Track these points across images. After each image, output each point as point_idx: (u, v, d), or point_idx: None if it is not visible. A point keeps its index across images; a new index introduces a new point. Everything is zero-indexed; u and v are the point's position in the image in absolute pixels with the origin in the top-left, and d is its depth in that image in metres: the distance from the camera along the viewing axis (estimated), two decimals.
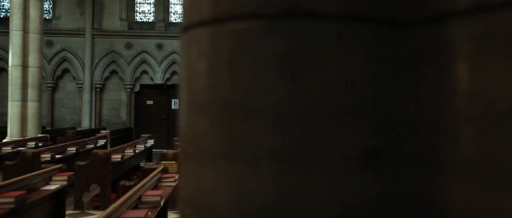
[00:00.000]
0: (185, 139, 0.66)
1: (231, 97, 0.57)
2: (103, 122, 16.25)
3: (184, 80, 0.67)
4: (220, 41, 0.59)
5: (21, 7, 10.66)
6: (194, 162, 0.62)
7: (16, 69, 10.61)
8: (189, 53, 0.66)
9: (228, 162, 0.57)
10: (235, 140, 0.57)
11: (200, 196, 0.60)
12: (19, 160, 7.07)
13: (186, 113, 0.66)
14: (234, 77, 0.57)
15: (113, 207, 3.10)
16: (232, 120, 0.57)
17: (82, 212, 7.06)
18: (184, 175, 0.65)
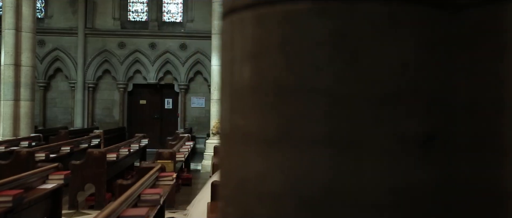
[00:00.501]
0: (228, 125, 0.65)
1: (283, 80, 0.56)
2: (96, 122, 16.16)
3: (227, 64, 0.65)
4: (270, 23, 0.58)
5: (13, 6, 10.57)
6: (241, 148, 0.60)
7: (8, 68, 10.51)
8: (232, 37, 0.64)
9: (280, 146, 0.56)
10: (287, 123, 0.56)
11: (250, 183, 0.59)
12: (13, 159, 7.01)
13: (229, 98, 0.65)
14: (286, 59, 0.56)
15: (114, 205, 3.08)
16: (284, 103, 0.56)
17: (77, 211, 7.01)
18: (230, 162, 0.63)
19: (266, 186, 0.57)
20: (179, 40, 16.38)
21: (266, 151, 0.57)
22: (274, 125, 0.57)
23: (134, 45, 16.23)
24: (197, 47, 16.32)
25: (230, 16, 0.65)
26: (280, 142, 0.56)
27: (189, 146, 9.57)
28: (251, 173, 0.59)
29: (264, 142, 0.57)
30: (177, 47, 16.35)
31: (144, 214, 3.20)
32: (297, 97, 0.55)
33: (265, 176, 0.57)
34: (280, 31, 0.57)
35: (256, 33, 0.60)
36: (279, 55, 0.57)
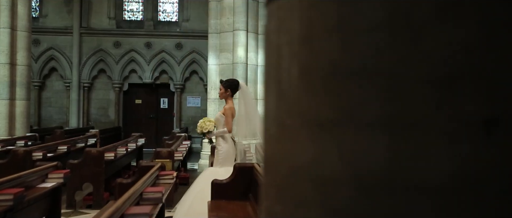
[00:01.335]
0: (276, 112, 0.63)
1: (341, 63, 0.55)
2: (91, 121, 16.10)
3: (275, 50, 0.64)
4: (324, 5, 0.57)
5: (9, 4, 10.49)
6: (294, 134, 0.59)
7: (4, 67, 10.43)
8: (281, 21, 0.63)
9: (337, 131, 0.55)
10: (346, 107, 0.54)
11: (305, 169, 0.57)
12: (11, 158, 6.96)
13: (277, 84, 0.64)
14: (343, 41, 0.55)
15: (119, 203, 3.06)
16: (342, 86, 0.55)
17: (75, 210, 6.97)
18: (279, 150, 0.62)
19: (323, 171, 0.56)
20: (175, 39, 16.35)
21: (321, 135, 0.56)
22: (330, 109, 0.55)
23: (130, 45, 16.18)
24: (193, 47, 16.30)
25: (278, 0, 0.63)
26: (337, 126, 0.55)
27: (187, 145, 9.55)
28: (306, 159, 0.57)
29: (320, 127, 0.56)
30: (172, 47, 16.32)
31: (148, 212, 3.18)
32: (355, 80, 0.54)
33: (321, 162, 0.56)
34: (335, 13, 0.56)
35: (308, 15, 0.59)
36: (335, 37, 0.55)
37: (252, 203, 4.91)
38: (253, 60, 10.29)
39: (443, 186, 0.53)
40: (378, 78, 0.54)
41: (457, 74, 0.53)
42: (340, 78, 0.55)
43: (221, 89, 6.08)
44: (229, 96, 6.05)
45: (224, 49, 10.14)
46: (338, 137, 0.55)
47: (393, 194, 0.53)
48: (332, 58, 0.56)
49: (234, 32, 10.04)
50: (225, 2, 10.06)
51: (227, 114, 5.95)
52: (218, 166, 5.94)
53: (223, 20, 10.16)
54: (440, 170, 0.53)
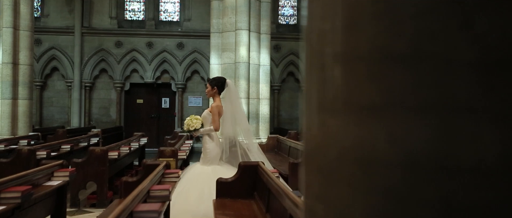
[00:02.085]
0: (322, 96, 0.64)
1: (389, 48, 0.56)
2: (92, 121, 16.10)
3: (320, 35, 0.65)
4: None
5: (11, 4, 10.51)
6: (342, 118, 0.60)
7: (6, 66, 10.45)
8: (326, 6, 0.64)
9: (388, 114, 0.56)
10: (395, 91, 0.55)
11: (355, 152, 0.58)
12: (15, 157, 6.96)
13: (321, 69, 0.64)
14: (392, 26, 0.56)
15: (128, 201, 3.06)
16: (393, 70, 0.56)
17: (79, 209, 6.97)
18: (326, 133, 0.63)
19: (371, 153, 0.57)
20: (176, 39, 16.36)
21: (369, 119, 0.57)
22: (381, 93, 0.56)
23: (131, 44, 16.19)
24: (194, 46, 16.30)
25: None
26: (388, 110, 0.56)
27: (189, 144, 9.56)
28: (354, 142, 0.58)
29: (370, 111, 0.57)
30: (174, 46, 16.32)
31: (158, 209, 3.19)
32: (407, 64, 0.55)
33: (369, 144, 0.57)
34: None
35: (355, 1, 0.59)
36: (384, 23, 0.56)
37: (257, 201, 4.92)
38: (255, 60, 10.30)
39: (493, 167, 0.54)
40: (427, 63, 0.54)
41: (508, 58, 0.54)
42: (389, 63, 0.56)
43: (208, 87, 6.10)
44: (216, 95, 6.06)
45: (226, 49, 10.15)
46: (387, 120, 0.56)
47: (445, 177, 0.54)
48: (380, 44, 0.57)
49: (236, 32, 10.05)
50: (227, 2, 10.07)
51: (214, 112, 5.96)
52: (206, 164, 5.93)
53: (225, 20, 10.16)
54: (490, 152, 0.54)
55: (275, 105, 16.35)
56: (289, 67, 16.98)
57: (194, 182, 5.59)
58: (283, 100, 17.04)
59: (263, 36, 10.62)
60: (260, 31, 10.49)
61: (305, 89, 0.70)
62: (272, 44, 11.34)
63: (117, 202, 4.95)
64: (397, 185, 0.55)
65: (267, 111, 10.63)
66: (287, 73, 17.02)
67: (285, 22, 17.45)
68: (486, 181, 0.53)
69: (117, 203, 4.85)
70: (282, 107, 17.02)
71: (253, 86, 10.25)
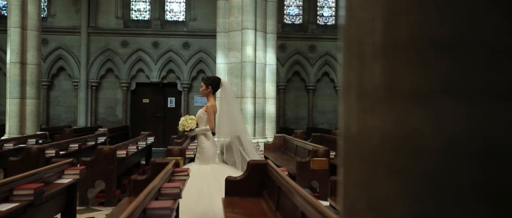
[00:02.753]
0: (362, 83, 0.66)
1: (437, 35, 0.57)
2: (99, 120, 16.15)
3: (358, 24, 0.67)
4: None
5: (19, 4, 10.57)
6: (386, 104, 0.62)
7: (14, 66, 10.51)
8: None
9: (435, 100, 0.57)
10: (443, 77, 0.57)
11: (400, 139, 0.60)
12: (24, 156, 7.01)
13: (362, 58, 0.66)
14: (439, 14, 0.57)
15: (141, 197, 3.08)
16: (439, 57, 0.57)
17: (88, 208, 7.01)
18: (366, 120, 0.64)
19: (418, 140, 0.58)
20: (182, 39, 16.39)
21: (416, 106, 0.58)
22: (425, 80, 0.58)
23: (137, 44, 16.24)
24: (200, 46, 16.34)
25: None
26: (432, 96, 0.57)
27: (196, 143, 9.57)
28: (398, 128, 0.60)
29: (414, 97, 0.58)
30: (180, 46, 16.36)
31: (170, 206, 3.21)
32: (451, 52, 0.56)
33: (418, 131, 0.58)
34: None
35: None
36: (430, 10, 0.58)
37: (266, 199, 4.93)
38: (262, 59, 10.32)
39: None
40: (472, 50, 0.56)
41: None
42: (433, 50, 0.57)
43: (202, 87, 6.12)
44: (211, 94, 6.08)
45: (233, 48, 10.16)
46: (431, 107, 0.57)
47: (486, 160, 0.55)
48: (424, 32, 0.58)
49: (242, 31, 10.07)
50: (233, 1, 10.09)
51: (209, 111, 5.98)
52: (204, 163, 5.95)
53: (232, 19, 10.18)
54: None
55: (281, 105, 16.36)
56: (295, 67, 16.99)
57: (193, 181, 5.61)
58: (289, 100, 17.05)
59: (269, 35, 10.64)
60: (266, 30, 10.51)
61: (343, 78, 0.72)
62: (277, 43, 11.34)
63: (127, 200, 4.98)
64: (440, 170, 0.56)
65: (273, 110, 10.65)
66: (293, 73, 17.03)
67: (290, 21, 17.46)
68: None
69: (127, 201, 4.87)
70: (288, 107, 17.04)
71: (259, 86, 10.27)
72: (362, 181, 0.65)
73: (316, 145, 7.93)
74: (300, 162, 7.23)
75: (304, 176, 7.05)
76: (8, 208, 3.42)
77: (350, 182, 0.67)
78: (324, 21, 17.56)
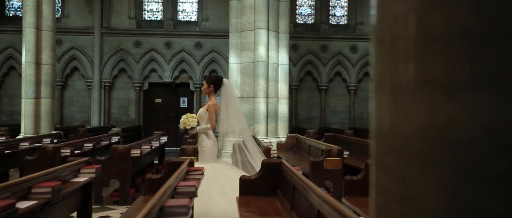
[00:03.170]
0: (398, 77, 0.66)
1: (475, 27, 0.57)
2: (112, 120, 16.28)
3: (392, 17, 0.67)
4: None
5: (34, 5, 10.69)
6: (422, 96, 0.62)
7: (29, 66, 10.63)
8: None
9: (473, 93, 0.57)
10: (481, 70, 0.57)
11: (437, 131, 0.60)
12: (40, 155, 7.08)
13: (395, 51, 0.67)
14: (477, 5, 0.57)
15: (158, 195, 3.11)
16: (477, 49, 0.57)
17: (102, 206, 7.07)
18: (400, 112, 0.65)
19: (456, 132, 0.58)
20: (194, 39, 16.46)
21: (454, 98, 0.59)
22: (464, 72, 0.58)
23: (150, 44, 16.33)
24: (212, 46, 16.39)
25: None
26: (473, 89, 0.57)
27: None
28: (435, 120, 0.60)
29: (452, 89, 0.59)
30: (192, 46, 16.43)
31: (187, 204, 3.24)
32: (491, 43, 0.57)
33: (456, 123, 0.58)
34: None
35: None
36: (468, 2, 0.58)
37: (281, 199, 4.94)
38: (274, 59, 10.32)
39: None
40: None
41: None
42: (472, 42, 0.58)
43: (204, 85, 6.16)
44: (212, 93, 6.12)
45: (245, 48, 10.18)
46: (473, 99, 0.58)
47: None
48: (463, 23, 0.59)
49: (255, 31, 10.08)
50: (246, 1, 10.11)
51: (211, 110, 6.01)
52: (204, 162, 5.97)
53: (244, 19, 10.20)
54: None
55: (293, 105, 16.35)
56: (307, 66, 16.98)
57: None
58: (301, 99, 17.04)
59: (282, 35, 10.65)
60: (279, 30, 10.52)
61: (375, 73, 0.73)
62: (289, 43, 11.33)
63: (142, 198, 5.02)
64: (475, 162, 0.57)
65: (286, 110, 10.65)
66: (305, 72, 17.02)
67: (302, 21, 17.45)
68: None
69: (142, 200, 4.91)
70: (300, 107, 17.03)
71: (272, 86, 10.27)
72: (397, 173, 0.66)
73: (329, 144, 7.92)
74: (313, 162, 7.23)
75: (318, 175, 7.04)
76: (27, 205, 3.47)
77: (385, 174, 0.68)
78: (336, 21, 17.52)
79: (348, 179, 5.40)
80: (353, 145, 9.89)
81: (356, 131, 13.60)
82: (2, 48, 15.86)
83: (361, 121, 17.05)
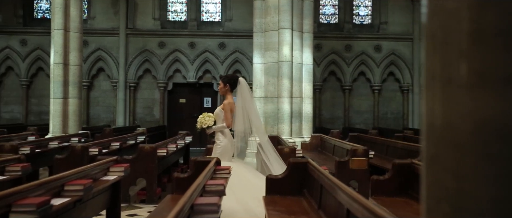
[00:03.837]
0: (450, 71, 0.68)
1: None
2: (137, 120, 16.47)
3: (446, 14, 0.69)
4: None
5: (62, 6, 10.89)
6: (478, 91, 0.63)
7: (58, 67, 10.84)
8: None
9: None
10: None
11: (494, 122, 0.61)
12: (69, 154, 7.22)
13: (450, 46, 0.68)
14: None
15: (189, 193, 3.15)
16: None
17: (129, 205, 7.17)
18: (463, 107, 0.66)
19: (511, 126, 0.60)
20: (218, 39, 16.55)
21: (509, 92, 0.60)
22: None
23: (174, 45, 16.48)
24: (236, 46, 16.46)
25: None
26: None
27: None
28: (491, 115, 0.61)
29: (507, 84, 0.60)
30: (216, 46, 16.52)
31: (217, 202, 3.27)
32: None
33: (509, 117, 0.59)
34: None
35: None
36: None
37: (307, 198, 4.94)
38: (298, 59, 10.31)
39: None
40: None
41: None
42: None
43: (220, 85, 6.22)
44: (228, 92, 6.18)
45: (269, 48, 10.19)
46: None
47: None
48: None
49: (279, 31, 10.08)
50: (270, 1, 10.12)
51: (226, 109, 6.06)
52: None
53: (268, 19, 10.21)
54: None
55: (317, 105, 16.29)
56: (331, 66, 16.91)
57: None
58: (325, 99, 16.99)
59: (306, 35, 10.63)
60: (303, 30, 10.50)
61: (426, 68, 0.74)
62: (313, 43, 11.31)
63: (170, 197, 5.07)
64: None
65: (310, 110, 10.62)
66: (329, 72, 16.96)
67: (326, 21, 17.39)
68: None
69: (170, 199, 4.97)
70: (324, 107, 16.97)
71: (296, 85, 10.27)
72: (453, 166, 0.67)
73: (354, 144, 7.89)
74: (339, 162, 7.21)
75: (343, 175, 7.01)
76: (61, 202, 3.55)
77: (440, 167, 0.69)
78: (360, 21, 17.41)
79: (375, 178, 5.38)
80: (378, 145, 9.82)
81: (381, 131, 13.50)
82: (31, 49, 16.20)
83: (385, 121, 16.92)
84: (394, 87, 17.10)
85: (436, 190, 0.71)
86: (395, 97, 17.11)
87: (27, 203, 3.07)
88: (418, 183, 5.04)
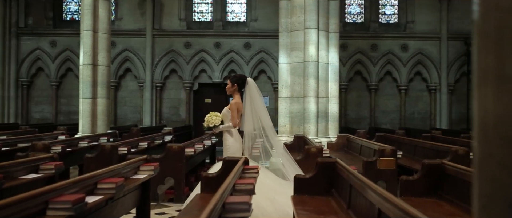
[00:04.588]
0: (505, 67, 0.68)
1: None
2: (163, 120, 16.65)
3: (505, 10, 0.69)
4: None
5: (91, 8, 11.09)
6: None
7: (87, 67, 11.04)
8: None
9: None
10: None
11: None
12: (99, 153, 7.35)
13: (505, 43, 0.68)
14: None
15: (221, 192, 3.19)
16: None
17: (158, 203, 7.26)
18: None
19: None
20: (243, 39, 16.61)
21: None
22: None
23: (200, 45, 16.60)
24: (261, 46, 16.49)
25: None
26: None
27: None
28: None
29: None
30: (241, 47, 16.58)
31: (247, 201, 3.30)
32: None
33: None
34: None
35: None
36: None
37: (336, 198, 4.93)
38: (324, 59, 10.28)
39: None
40: None
41: None
42: None
43: (228, 85, 6.22)
44: (236, 92, 6.18)
45: (295, 48, 10.18)
46: None
47: None
48: None
49: (305, 31, 10.06)
50: (296, 1, 10.11)
51: (233, 108, 6.07)
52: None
53: (294, 19, 10.20)
54: None
55: (342, 105, 16.20)
56: (356, 66, 16.80)
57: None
58: (350, 99, 16.88)
59: (332, 34, 10.58)
60: (329, 29, 10.46)
61: (478, 66, 0.74)
62: (339, 43, 11.25)
63: (199, 196, 5.12)
64: None
65: (336, 110, 10.58)
66: (354, 72, 16.85)
67: (351, 20, 17.28)
68: None
69: (199, 197, 5.02)
70: (349, 107, 16.87)
71: (322, 85, 10.23)
72: (506, 162, 0.68)
73: (382, 144, 7.83)
74: (366, 162, 7.16)
75: (371, 175, 6.95)
76: (94, 200, 3.62)
77: (494, 163, 0.70)
78: (386, 20, 17.26)
79: (404, 179, 5.33)
80: (405, 145, 9.73)
81: (407, 131, 13.35)
82: (60, 50, 16.53)
83: (412, 121, 16.73)
84: (421, 87, 16.90)
85: (490, 187, 0.71)
86: (422, 97, 16.90)
87: (63, 200, 3.14)
88: (449, 184, 4.98)
